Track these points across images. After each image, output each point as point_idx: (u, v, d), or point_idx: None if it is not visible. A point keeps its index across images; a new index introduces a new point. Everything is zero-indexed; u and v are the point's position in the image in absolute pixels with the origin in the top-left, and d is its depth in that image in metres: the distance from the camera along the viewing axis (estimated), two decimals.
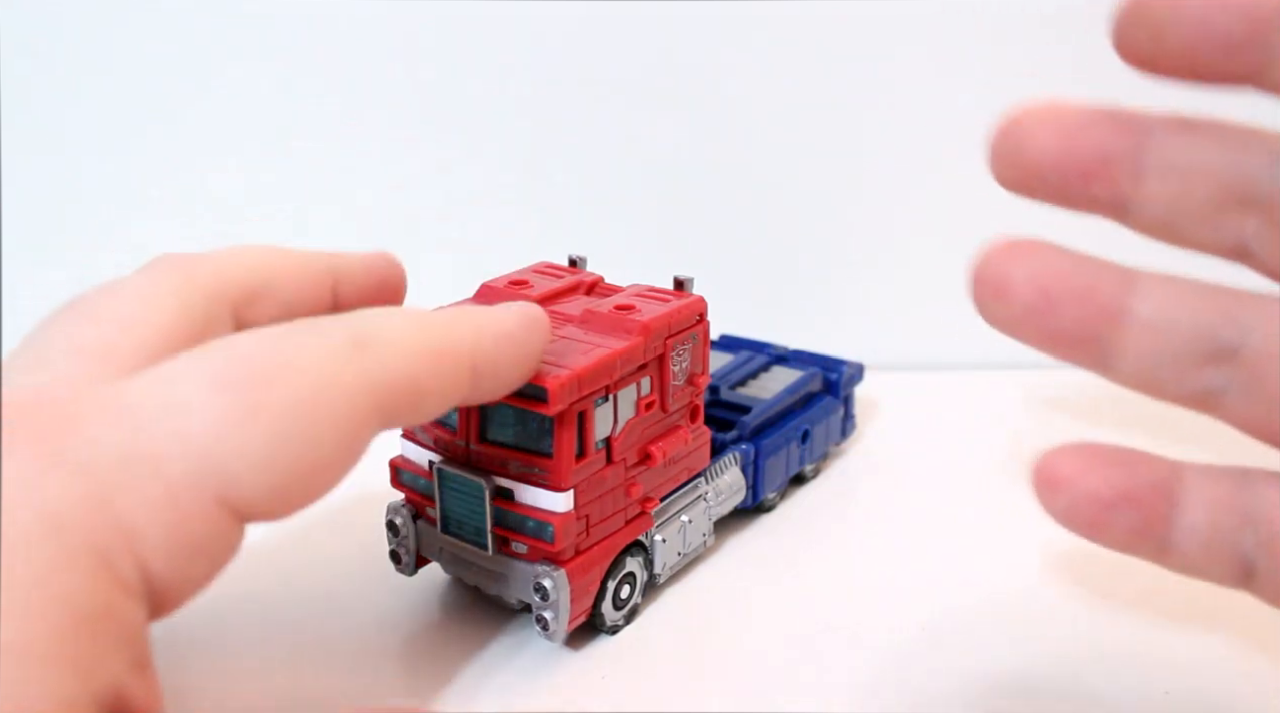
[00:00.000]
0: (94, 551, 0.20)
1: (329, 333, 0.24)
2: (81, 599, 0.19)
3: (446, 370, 0.25)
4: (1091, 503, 0.20)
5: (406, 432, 0.34)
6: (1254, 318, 0.19)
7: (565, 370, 0.30)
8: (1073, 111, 0.20)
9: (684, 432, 0.35)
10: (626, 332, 0.33)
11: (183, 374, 0.22)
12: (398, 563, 0.35)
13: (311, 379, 0.22)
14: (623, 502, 0.33)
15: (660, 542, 0.35)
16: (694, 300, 0.35)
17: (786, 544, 0.40)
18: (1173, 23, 0.18)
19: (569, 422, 0.31)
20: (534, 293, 0.35)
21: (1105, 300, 0.19)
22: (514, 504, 0.32)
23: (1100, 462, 0.20)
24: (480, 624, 0.35)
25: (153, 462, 0.21)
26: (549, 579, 0.31)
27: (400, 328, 0.25)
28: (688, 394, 0.35)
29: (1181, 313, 0.19)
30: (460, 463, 0.32)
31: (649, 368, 0.33)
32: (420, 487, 0.34)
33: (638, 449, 0.34)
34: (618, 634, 0.34)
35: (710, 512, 0.38)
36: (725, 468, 0.39)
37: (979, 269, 0.20)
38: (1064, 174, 0.19)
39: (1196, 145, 0.19)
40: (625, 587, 0.34)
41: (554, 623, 0.32)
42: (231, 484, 0.21)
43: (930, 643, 0.34)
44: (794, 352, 0.47)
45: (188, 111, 0.53)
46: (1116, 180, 0.19)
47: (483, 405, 0.31)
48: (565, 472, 0.31)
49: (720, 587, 0.37)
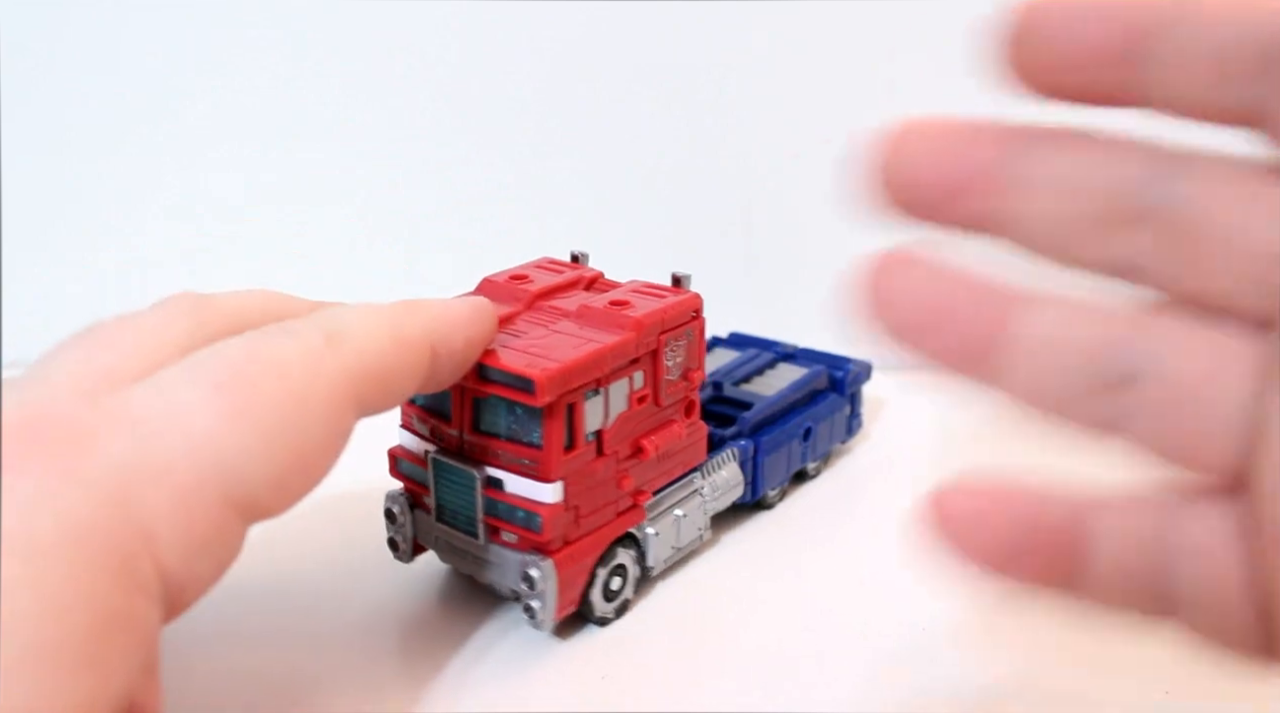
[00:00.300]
0: (116, 556, 0.21)
1: (304, 333, 0.25)
2: (105, 603, 0.20)
3: (410, 357, 0.27)
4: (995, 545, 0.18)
5: (404, 422, 0.35)
6: (1156, 343, 0.17)
7: (554, 364, 0.30)
8: (944, 126, 0.18)
9: (678, 427, 0.35)
10: (619, 326, 0.33)
11: (180, 382, 0.24)
12: (395, 551, 0.36)
13: (296, 376, 0.24)
14: (614, 494, 0.34)
15: (653, 535, 0.36)
16: (689, 296, 0.35)
17: (785, 542, 0.40)
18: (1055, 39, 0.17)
19: (557, 414, 0.31)
20: (533, 287, 0.36)
21: (987, 323, 0.18)
22: (504, 494, 0.32)
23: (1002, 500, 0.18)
24: (472, 612, 0.35)
25: (163, 467, 0.22)
26: (536, 569, 0.32)
27: (366, 322, 0.27)
28: (682, 389, 0.35)
29: (1071, 337, 0.17)
30: (454, 453, 0.33)
31: (642, 363, 0.34)
32: (417, 476, 0.35)
33: (630, 443, 0.34)
34: (608, 626, 0.35)
35: (706, 507, 0.38)
36: (723, 464, 0.39)
37: (859, 280, 0.19)
38: (935, 192, 0.18)
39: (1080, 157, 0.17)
40: (616, 579, 0.35)
41: (541, 612, 0.32)
42: (236, 482, 0.23)
43: (928, 644, 0.34)
44: (802, 350, 0.47)
45: (187, 111, 0.53)
46: (993, 197, 0.17)
47: (475, 398, 0.32)
48: (554, 463, 0.31)
49: (715, 582, 0.37)
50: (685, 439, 0.36)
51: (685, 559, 0.38)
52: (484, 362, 0.31)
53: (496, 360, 0.31)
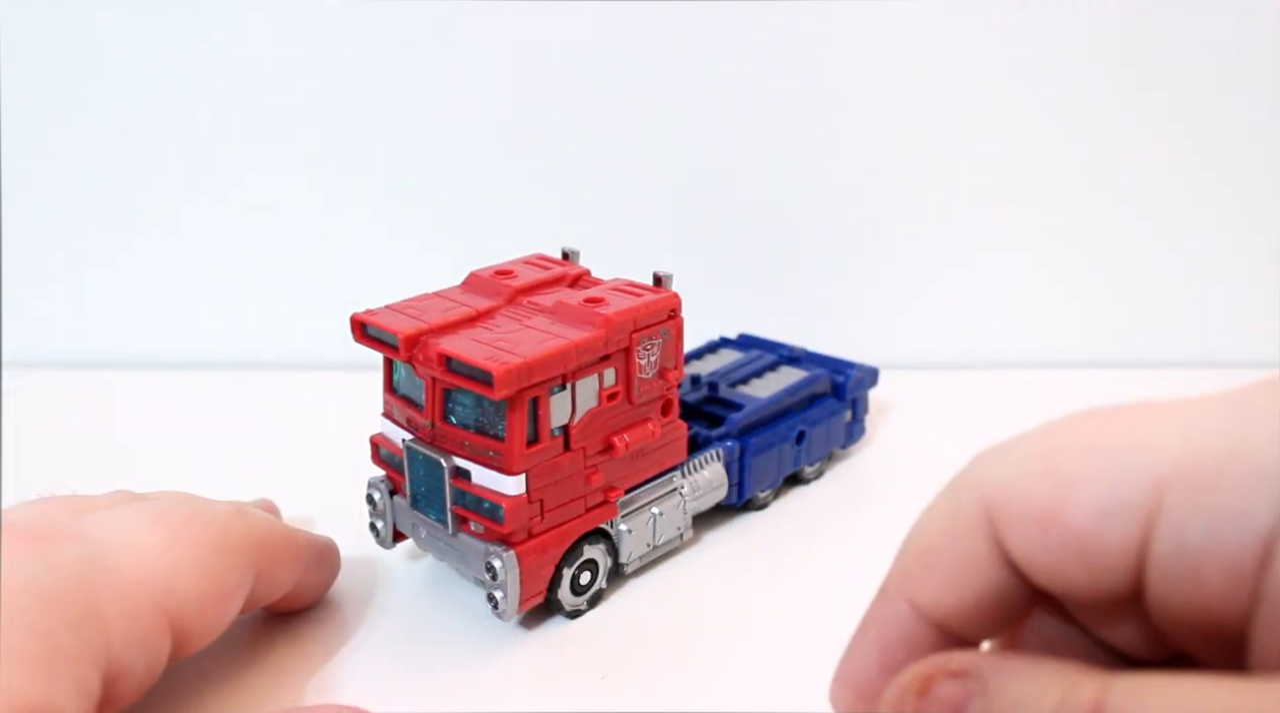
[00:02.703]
0: (69, 614, 0.25)
1: (217, 503, 0.32)
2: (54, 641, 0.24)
3: (289, 551, 0.33)
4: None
5: (385, 411, 0.36)
6: None
7: (515, 358, 0.31)
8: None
9: (652, 425, 0.36)
10: (590, 323, 0.33)
11: (126, 515, 0.29)
12: (376, 536, 0.37)
13: (219, 526, 0.30)
14: (582, 490, 0.34)
15: (626, 532, 0.36)
16: (667, 296, 0.35)
17: (769, 543, 0.40)
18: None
19: (519, 407, 0.31)
20: (516, 282, 0.36)
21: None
22: (470, 485, 0.33)
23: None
24: (443, 599, 0.36)
25: (112, 567, 0.27)
26: (499, 560, 0.32)
27: (260, 514, 0.33)
28: (658, 388, 0.36)
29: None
30: (426, 442, 0.34)
31: (614, 360, 0.34)
32: (395, 464, 0.35)
33: (601, 439, 0.34)
34: (580, 618, 0.35)
35: (686, 506, 0.38)
36: (705, 464, 0.39)
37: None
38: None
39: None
40: (586, 573, 0.35)
41: (504, 603, 0.33)
42: (168, 592, 0.28)
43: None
44: (808, 353, 0.47)
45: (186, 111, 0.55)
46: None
47: (445, 388, 0.33)
48: (516, 456, 0.32)
49: (691, 580, 0.37)
50: (660, 438, 0.36)
51: (665, 557, 0.38)
52: (450, 355, 0.31)
53: (461, 354, 0.31)
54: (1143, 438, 0.17)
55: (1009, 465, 0.18)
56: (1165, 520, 0.16)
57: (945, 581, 0.19)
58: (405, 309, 0.34)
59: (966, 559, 0.18)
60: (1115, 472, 0.17)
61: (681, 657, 0.33)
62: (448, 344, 0.32)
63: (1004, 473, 0.18)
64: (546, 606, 0.35)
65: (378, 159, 0.56)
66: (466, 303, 0.35)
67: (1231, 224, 0.55)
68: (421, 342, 0.32)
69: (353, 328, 0.34)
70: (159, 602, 0.27)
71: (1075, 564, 0.17)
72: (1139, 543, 0.17)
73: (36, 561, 0.26)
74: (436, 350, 0.32)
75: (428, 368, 0.32)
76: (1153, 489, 0.16)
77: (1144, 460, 0.17)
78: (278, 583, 0.33)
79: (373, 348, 0.34)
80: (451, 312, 0.34)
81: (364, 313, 0.34)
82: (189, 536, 0.29)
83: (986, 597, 0.19)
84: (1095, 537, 0.17)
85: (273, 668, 0.33)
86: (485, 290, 0.36)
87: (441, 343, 0.32)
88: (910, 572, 0.20)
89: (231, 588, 0.30)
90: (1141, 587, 0.17)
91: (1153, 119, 0.53)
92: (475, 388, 0.31)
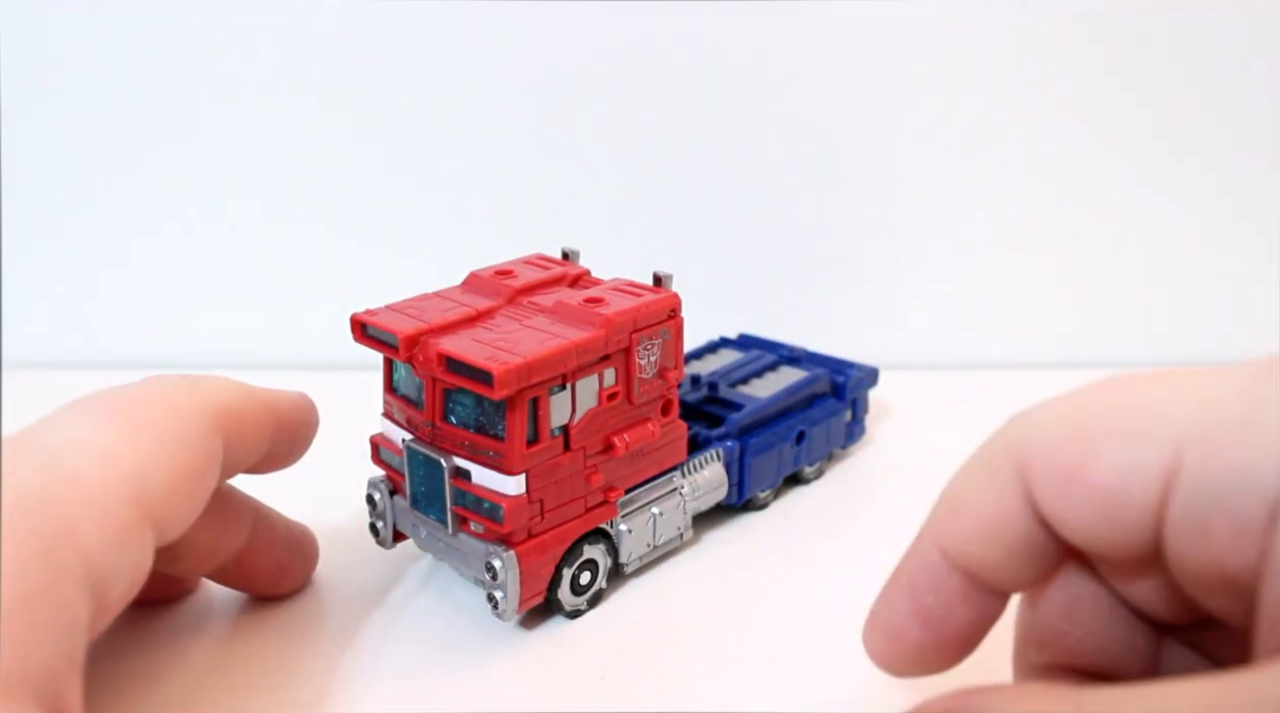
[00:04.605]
0: (38, 544, 0.23)
1: (169, 377, 0.30)
2: (26, 582, 0.22)
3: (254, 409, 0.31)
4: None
5: (385, 411, 0.36)
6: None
7: (515, 358, 0.31)
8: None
9: (652, 425, 0.36)
10: (589, 323, 0.33)
11: (75, 415, 0.27)
12: (376, 537, 0.37)
13: (172, 402, 0.28)
14: (582, 490, 0.34)
15: (626, 532, 0.36)
16: (667, 296, 0.35)
17: (769, 543, 0.40)
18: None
19: (519, 407, 0.31)
20: (515, 282, 0.36)
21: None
22: (471, 485, 0.33)
23: None
24: (443, 599, 0.36)
25: (73, 476, 0.25)
26: (498, 560, 0.32)
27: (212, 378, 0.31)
28: (658, 388, 0.36)
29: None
30: (426, 442, 0.34)
31: (613, 360, 0.34)
32: (395, 464, 0.35)
33: (600, 439, 0.34)
34: (580, 618, 0.35)
35: (686, 506, 0.38)
36: (705, 464, 0.39)
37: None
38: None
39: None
40: (586, 573, 0.35)
41: (504, 603, 0.33)
42: (140, 484, 0.26)
43: None
44: (808, 353, 0.47)
45: (185, 109, 0.55)
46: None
47: (445, 388, 0.33)
48: (516, 456, 0.32)
49: (691, 580, 0.37)
50: (660, 438, 0.36)
51: (665, 557, 0.38)
52: (450, 355, 0.31)
53: (460, 354, 0.31)
54: (1164, 401, 0.18)
55: (1040, 424, 0.19)
56: (1182, 479, 0.17)
57: (977, 532, 0.20)
58: (405, 309, 0.34)
59: (998, 512, 0.20)
60: (1137, 432, 0.18)
61: (681, 657, 0.33)
62: (448, 344, 0.32)
63: (1035, 431, 0.19)
64: (546, 606, 0.35)
65: (378, 159, 0.56)
66: (466, 303, 0.35)
67: (1232, 224, 0.55)
68: (421, 342, 0.32)
69: (353, 328, 0.34)
70: (131, 496, 0.26)
71: (1099, 519, 0.18)
72: (1159, 500, 0.17)
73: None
74: (436, 350, 0.32)
75: (427, 368, 0.32)
76: (1172, 449, 0.17)
77: (1165, 422, 0.18)
78: (251, 444, 0.31)
79: (372, 348, 0.34)
80: (451, 312, 0.34)
81: (364, 313, 0.34)
82: (146, 420, 0.27)
83: (1016, 549, 0.20)
84: (1117, 493, 0.18)
85: (271, 668, 0.33)
86: (485, 290, 0.36)
87: (441, 343, 0.32)
88: (944, 523, 0.21)
89: (203, 462, 0.28)
90: (1161, 544, 0.17)
91: (1152, 120, 0.53)
92: (475, 388, 0.31)
